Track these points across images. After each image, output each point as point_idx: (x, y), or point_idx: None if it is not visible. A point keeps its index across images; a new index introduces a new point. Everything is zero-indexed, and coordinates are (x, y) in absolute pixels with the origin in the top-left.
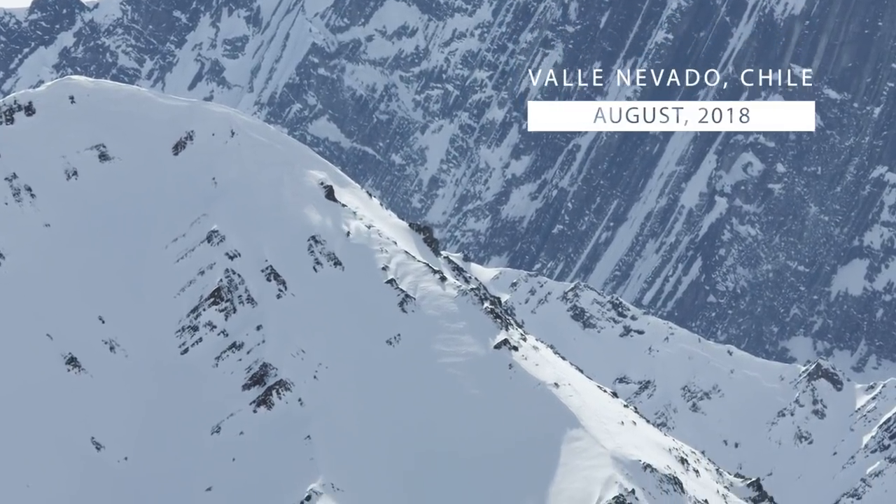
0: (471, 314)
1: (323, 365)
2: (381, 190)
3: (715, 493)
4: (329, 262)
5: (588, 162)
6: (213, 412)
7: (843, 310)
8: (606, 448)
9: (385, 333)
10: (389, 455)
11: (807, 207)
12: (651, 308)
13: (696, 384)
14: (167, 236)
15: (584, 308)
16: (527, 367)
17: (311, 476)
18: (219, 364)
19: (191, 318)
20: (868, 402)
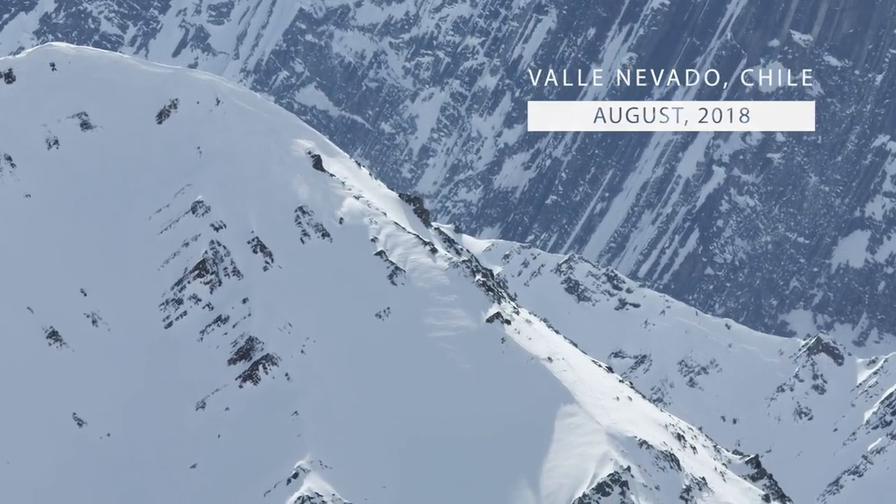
0: (462, 287)
1: (311, 339)
2: (370, 159)
3: (712, 470)
4: (317, 234)
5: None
6: (197, 387)
7: (844, 282)
8: (601, 424)
9: (374, 307)
10: (379, 431)
11: (807, 177)
12: (647, 281)
13: (694, 359)
14: (151, 207)
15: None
16: (520, 342)
17: (299, 453)
18: (203, 338)
19: (175, 291)
20: (870, 376)
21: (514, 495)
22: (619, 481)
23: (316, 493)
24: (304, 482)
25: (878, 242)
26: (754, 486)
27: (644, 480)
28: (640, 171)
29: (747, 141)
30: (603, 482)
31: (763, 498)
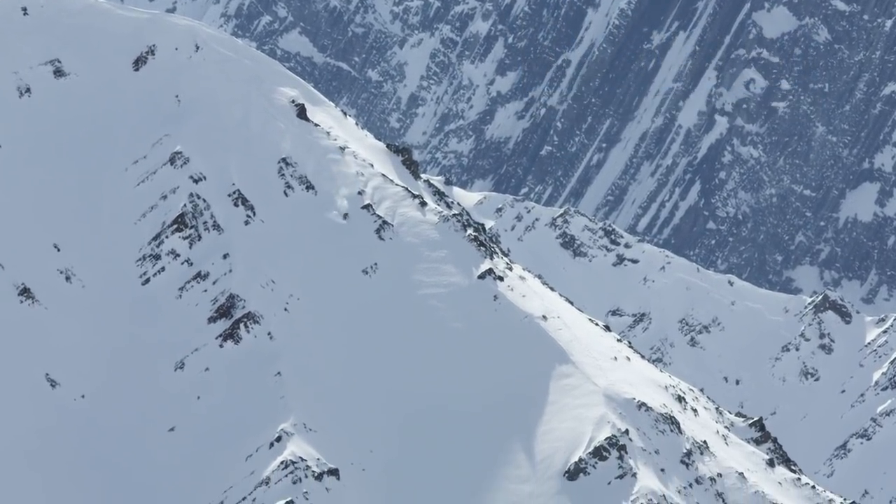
0: (453, 242)
1: (294, 296)
2: (356, 108)
3: (714, 433)
4: (300, 186)
5: (578, 78)
6: (176, 347)
7: (852, 237)
8: (598, 385)
9: (361, 262)
10: (366, 393)
11: (813, 127)
12: (646, 235)
13: (695, 317)
14: (127, 158)
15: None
16: (513, 299)
17: (282, 415)
18: (182, 295)
19: (152, 246)
20: (879, 335)
21: (507, 460)
22: (617, 445)
23: (300, 457)
24: (287, 446)
25: (888, 195)
26: (758, 450)
27: (643, 444)
28: (639, 120)
29: (751, 89)
30: (600, 446)
31: (767, 462)
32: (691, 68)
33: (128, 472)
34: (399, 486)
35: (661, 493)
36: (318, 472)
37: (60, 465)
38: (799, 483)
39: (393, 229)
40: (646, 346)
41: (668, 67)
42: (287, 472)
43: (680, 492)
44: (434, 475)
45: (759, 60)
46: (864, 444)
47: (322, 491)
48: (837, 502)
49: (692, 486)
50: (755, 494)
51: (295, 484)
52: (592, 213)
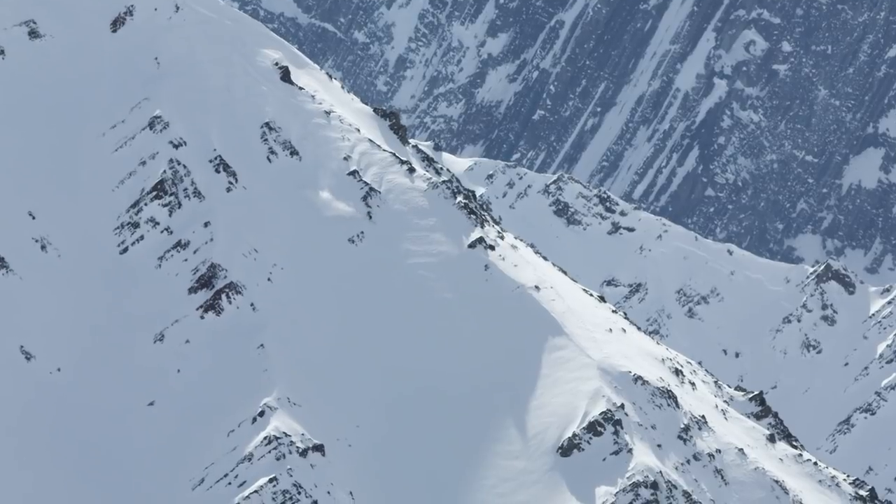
0: (442, 209)
1: (278, 266)
2: (342, 71)
3: (713, 407)
4: (284, 152)
5: (572, 40)
6: (155, 318)
7: (856, 204)
8: (593, 358)
9: (347, 231)
10: (352, 366)
11: (816, 91)
12: (642, 203)
13: (693, 287)
14: (104, 123)
15: (567, 202)
16: (504, 269)
17: (265, 389)
18: (162, 265)
19: (131, 214)
20: (883, 306)
21: (498, 435)
22: (612, 420)
23: (284, 432)
24: (270, 421)
25: (893, 161)
26: (758, 425)
27: (639, 419)
28: (635, 83)
29: (751, 51)
30: (594, 421)
31: (768, 437)
32: (689, 29)
33: (105, 447)
34: (387, 463)
35: (657, 469)
36: (303, 447)
37: (35, 440)
38: (800, 459)
39: (380, 196)
40: (642, 318)
41: (666, 29)
42: (270, 448)
43: (677, 468)
44: (423, 451)
45: (760, 21)
46: (868, 419)
47: (307, 467)
48: (840, 479)
49: (690, 463)
50: (755, 471)
51: (279, 460)
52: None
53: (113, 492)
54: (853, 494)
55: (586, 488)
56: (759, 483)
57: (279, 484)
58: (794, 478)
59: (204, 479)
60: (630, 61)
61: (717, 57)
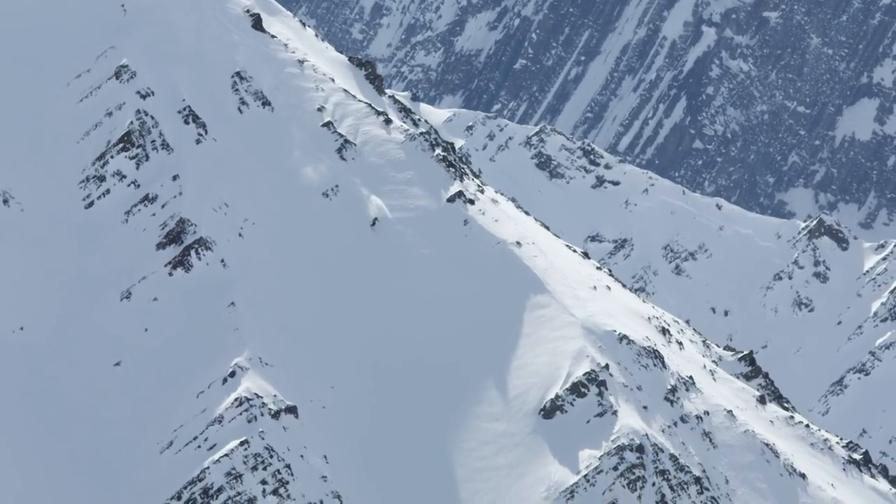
0: (420, 162)
1: (249, 221)
2: (316, 19)
3: (701, 368)
4: (256, 102)
5: None
6: (122, 275)
7: (850, 157)
8: (576, 317)
9: (321, 184)
10: (326, 325)
11: (808, 39)
12: (628, 155)
13: (680, 243)
14: (69, 72)
15: (550, 155)
16: (484, 224)
17: (236, 349)
18: (129, 220)
19: (96, 167)
20: (878, 263)
21: (478, 397)
22: (597, 381)
23: (255, 393)
24: (241, 382)
25: (888, 112)
26: (748, 386)
27: (624, 380)
28: (621, 31)
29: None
30: (578, 382)
31: (758, 399)
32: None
33: (69, 409)
34: (362, 425)
35: (643, 432)
36: (275, 409)
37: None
38: (792, 421)
39: (356, 149)
40: (627, 275)
41: None
42: (241, 410)
43: (664, 431)
44: (399, 413)
45: None
46: (862, 380)
47: (279, 430)
48: (833, 442)
49: (677, 425)
50: (745, 434)
51: (250, 422)
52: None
53: (77, 455)
54: (846, 458)
55: (569, 452)
56: (748, 446)
57: (251, 447)
58: (784, 441)
59: (172, 442)
60: (615, 8)
61: (705, 4)
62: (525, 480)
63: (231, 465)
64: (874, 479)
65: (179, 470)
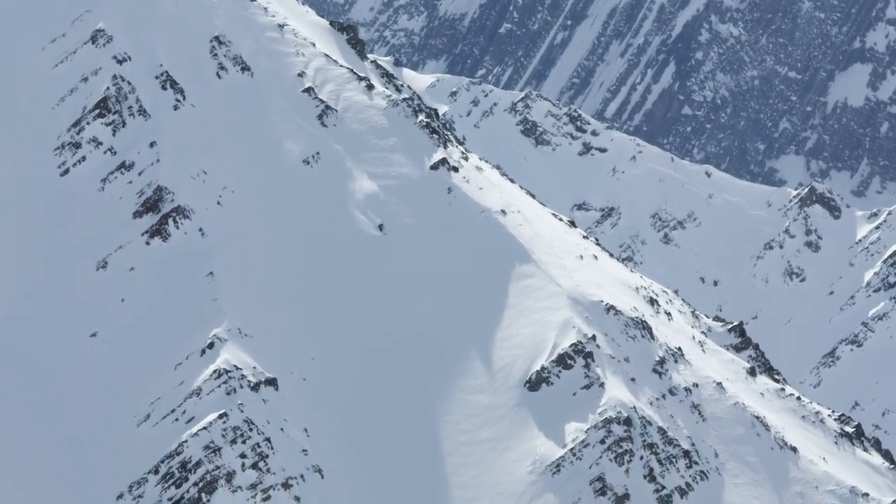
0: (403, 129)
1: (228, 188)
2: None
3: (690, 339)
4: (235, 68)
5: None
6: (98, 244)
7: (842, 123)
8: (562, 287)
9: (301, 151)
10: (307, 295)
11: (799, 2)
12: (615, 122)
13: (669, 211)
14: (44, 37)
15: (536, 121)
16: (469, 192)
17: (215, 320)
18: (105, 187)
19: (72, 134)
20: (871, 231)
21: (462, 368)
22: (583, 352)
23: (234, 365)
24: (220, 353)
25: (881, 77)
26: (738, 358)
27: (611, 351)
28: None
29: None
30: (564, 353)
31: (748, 371)
32: None
33: (43, 380)
34: (343, 398)
35: (631, 404)
36: (255, 381)
37: None
38: (782, 394)
39: (337, 115)
40: (615, 244)
41: None
42: (220, 382)
43: (652, 403)
44: (381, 385)
45: None
46: (855, 352)
47: (258, 402)
48: (825, 415)
49: (665, 398)
50: (734, 406)
51: (229, 395)
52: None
53: (52, 428)
54: (838, 431)
55: (555, 425)
56: (738, 419)
57: (229, 420)
58: (775, 413)
59: (150, 414)
60: None
61: None
62: (510, 454)
63: (209, 439)
64: (867, 453)
65: (157, 443)
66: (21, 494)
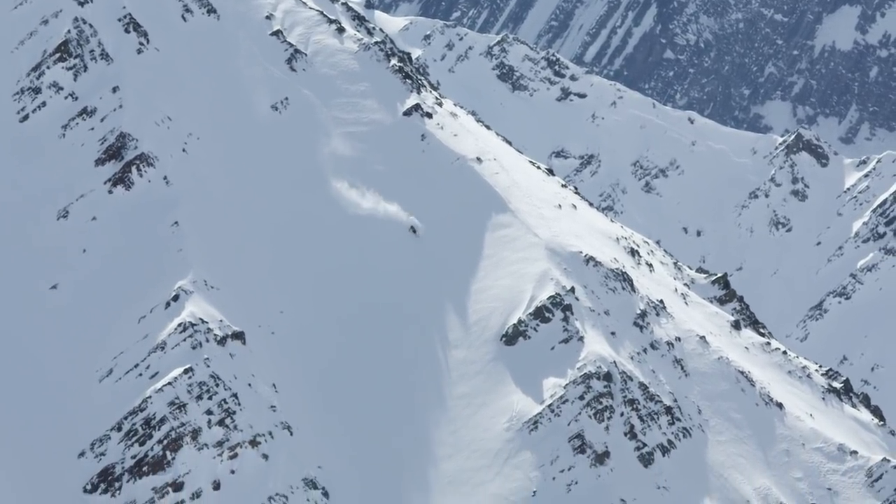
0: (375, 73)
1: (194, 135)
2: None
3: (672, 291)
4: (201, 10)
5: None
6: (58, 193)
7: (830, 68)
8: (540, 237)
9: (270, 97)
10: (276, 246)
11: None
12: (595, 66)
13: (650, 159)
14: None
15: (512, 66)
16: (443, 139)
17: (180, 271)
18: (66, 134)
19: (31, 78)
20: (859, 180)
21: (436, 322)
22: (562, 305)
23: (200, 318)
24: (185, 306)
25: (870, 20)
26: (722, 311)
27: (591, 304)
28: None
29: None
30: (542, 306)
31: (732, 324)
32: None
33: (1, 334)
34: (313, 352)
35: (611, 359)
36: (221, 335)
37: None
38: (768, 348)
39: (306, 59)
40: (594, 193)
41: None
42: (185, 336)
43: (633, 358)
44: (352, 340)
45: None
46: (843, 304)
47: (225, 357)
48: (812, 370)
49: (647, 352)
50: (718, 361)
51: (194, 349)
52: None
53: (10, 383)
54: (826, 386)
55: (533, 380)
56: (722, 374)
57: (195, 375)
58: (760, 368)
59: (112, 369)
60: None
61: None
62: (486, 410)
63: (174, 395)
64: (855, 409)
65: (119, 399)
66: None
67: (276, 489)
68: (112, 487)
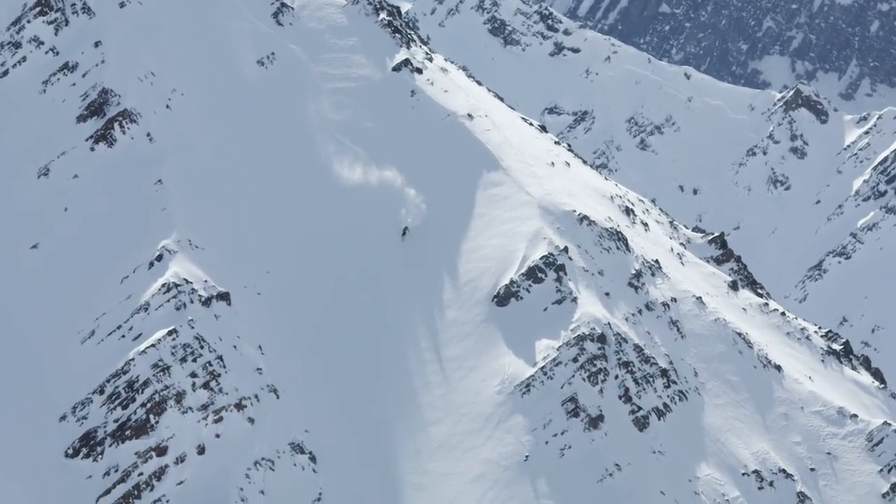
0: (363, 28)
1: (178, 91)
2: None
3: (668, 251)
4: None
5: None
6: (39, 150)
7: (829, 22)
8: (533, 195)
9: (256, 52)
10: (261, 204)
11: None
12: (589, 20)
13: (645, 115)
14: None
15: (504, 20)
16: (433, 95)
17: (164, 230)
18: (47, 90)
19: (11, 33)
20: (860, 137)
21: (427, 283)
22: (555, 265)
23: (184, 278)
24: (169, 266)
25: None
26: (719, 271)
27: (584, 264)
28: None
29: None
30: (535, 266)
31: (730, 285)
32: None
33: None
34: (299, 313)
35: (605, 320)
36: (206, 296)
37: None
38: (766, 309)
39: (293, 13)
40: (588, 150)
41: None
42: (169, 297)
43: (628, 319)
44: (340, 300)
45: None
46: (842, 264)
47: (210, 318)
48: (811, 331)
49: (642, 313)
50: (715, 322)
51: (178, 310)
52: None
53: None
54: (825, 348)
55: (525, 341)
56: (719, 336)
57: (179, 337)
58: (758, 330)
59: (95, 331)
60: None
61: None
62: (477, 373)
63: (158, 357)
64: (855, 371)
65: (102, 361)
66: None
67: (263, 454)
68: (94, 452)
